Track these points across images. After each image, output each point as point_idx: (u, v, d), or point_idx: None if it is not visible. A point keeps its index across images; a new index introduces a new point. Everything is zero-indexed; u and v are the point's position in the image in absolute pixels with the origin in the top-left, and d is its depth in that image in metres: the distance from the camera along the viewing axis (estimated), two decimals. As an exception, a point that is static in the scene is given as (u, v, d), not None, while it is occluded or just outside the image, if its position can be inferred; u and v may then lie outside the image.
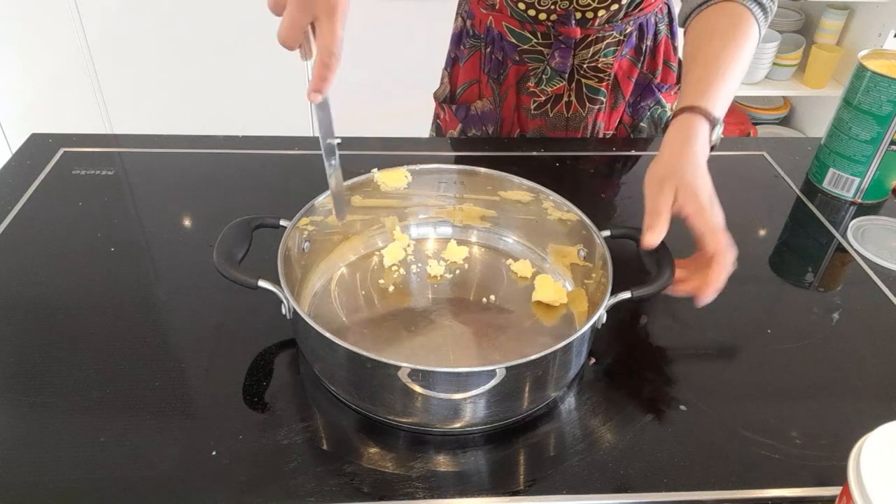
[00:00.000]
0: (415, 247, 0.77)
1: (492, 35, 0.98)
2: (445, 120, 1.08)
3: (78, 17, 1.84)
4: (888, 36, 1.98)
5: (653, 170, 0.67)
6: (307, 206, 0.68)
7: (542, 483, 0.55)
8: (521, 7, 0.92)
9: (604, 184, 0.94)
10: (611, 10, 0.91)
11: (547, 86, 0.96)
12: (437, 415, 0.57)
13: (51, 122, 1.97)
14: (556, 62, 0.94)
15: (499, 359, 0.53)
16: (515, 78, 0.99)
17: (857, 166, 0.88)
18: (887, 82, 0.82)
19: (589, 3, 0.90)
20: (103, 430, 0.57)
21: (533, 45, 0.96)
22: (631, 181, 0.95)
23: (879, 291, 0.76)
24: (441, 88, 1.10)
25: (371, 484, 0.54)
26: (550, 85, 0.96)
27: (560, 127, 1.02)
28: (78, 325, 0.67)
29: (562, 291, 0.70)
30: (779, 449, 0.58)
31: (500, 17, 0.95)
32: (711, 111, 0.69)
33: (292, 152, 0.96)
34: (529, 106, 1.00)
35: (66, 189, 0.86)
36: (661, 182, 0.65)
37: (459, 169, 0.76)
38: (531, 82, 0.97)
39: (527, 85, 0.98)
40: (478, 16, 0.99)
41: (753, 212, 0.89)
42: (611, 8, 0.90)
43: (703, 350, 0.68)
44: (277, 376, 0.63)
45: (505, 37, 0.96)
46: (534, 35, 0.95)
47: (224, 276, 0.61)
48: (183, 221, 0.83)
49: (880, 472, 0.42)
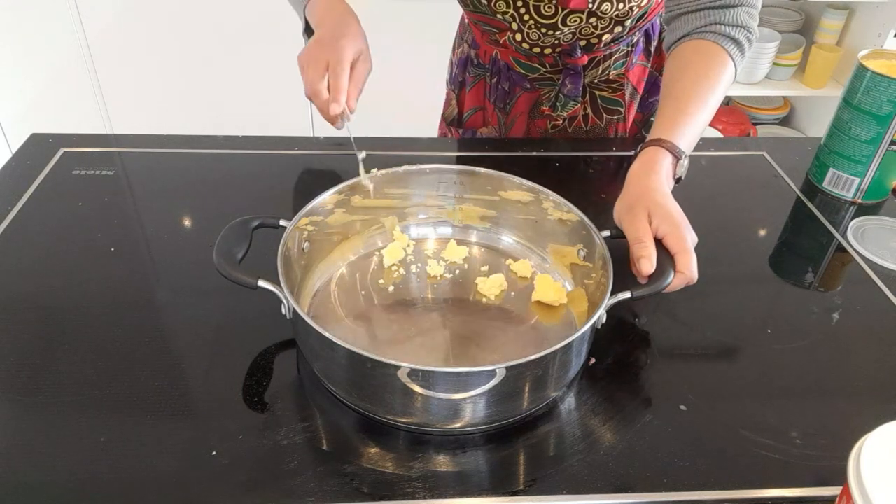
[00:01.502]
0: (414, 247, 0.77)
1: (498, 66, 0.98)
2: None
3: (78, 17, 1.84)
4: (888, 36, 1.98)
5: (621, 203, 0.68)
6: (307, 207, 0.68)
7: (542, 483, 0.55)
8: (525, 47, 0.92)
9: (604, 184, 0.94)
10: (615, 33, 0.90)
11: (562, 111, 0.96)
12: (437, 415, 0.57)
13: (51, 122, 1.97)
14: (567, 89, 0.94)
15: (499, 359, 0.53)
16: (527, 105, 0.99)
17: (857, 166, 0.88)
18: (887, 82, 0.82)
19: (592, 31, 0.89)
20: (103, 430, 0.57)
21: (542, 73, 0.95)
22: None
23: (879, 291, 0.76)
24: (449, 110, 1.09)
25: (371, 484, 0.54)
26: (565, 109, 0.96)
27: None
28: (78, 325, 0.67)
29: (562, 291, 0.70)
30: (779, 449, 0.58)
31: (505, 51, 0.95)
32: (677, 144, 0.71)
33: (292, 152, 0.96)
34: (546, 128, 1.00)
35: (66, 189, 0.86)
36: (632, 209, 0.66)
37: (459, 169, 0.76)
38: (545, 106, 0.97)
39: (541, 109, 0.98)
40: (482, 47, 0.98)
41: (753, 212, 0.89)
42: (615, 31, 0.90)
43: (703, 350, 0.68)
44: (277, 376, 0.63)
45: (513, 68, 0.96)
46: (542, 65, 0.95)
47: (224, 276, 0.61)
48: (183, 221, 0.83)
49: (880, 472, 0.42)
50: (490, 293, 0.71)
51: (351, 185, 0.72)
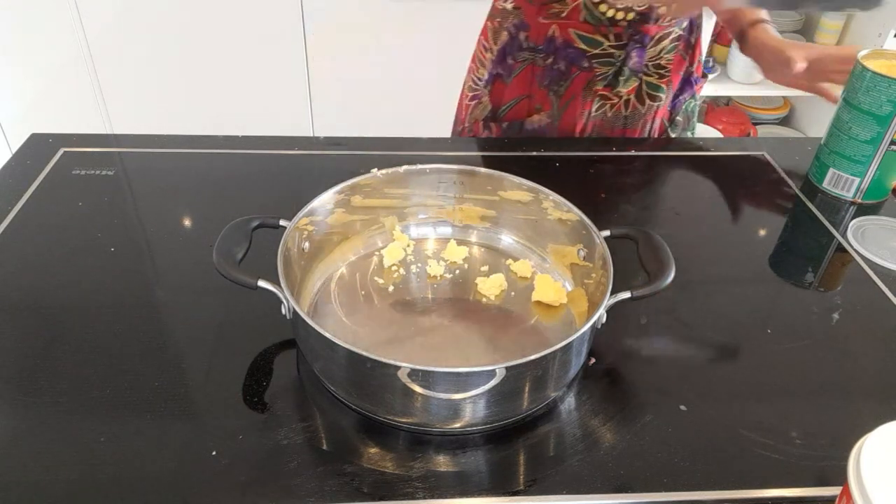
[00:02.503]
0: (414, 247, 0.77)
1: (554, 45, 0.97)
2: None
3: (78, 17, 1.84)
4: (888, 36, 1.98)
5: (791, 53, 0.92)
6: (307, 207, 0.68)
7: (542, 483, 0.55)
8: (603, 9, 0.92)
9: (604, 184, 0.94)
10: None
11: (623, 87, 0.98)
12: (437, 415, 0.57)
13: (51, 122, 1.97)
14: (633, 62, 0.96)
15: (499, 359, 0.53)
16: (581, 85, 0.99)
17: (857, 166, 0.88)
18: (887, 82, 0.82)
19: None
20: (103, 430, 0.57)
21: (604, 48, 0.95)
22: (631, 181, 0.95)
23: (879, 291, 0.76)
24: (480, 108, 1.07)
25: (371, 484, 0.54)
26: (626, 86, 0.98)
27: (618, 125, 1.03)
28: (78, 325, 0.67)
29: (562, 291, 0.70)
30: (779, 449, 0.58)
31: (566, 24, 0.95)
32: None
33: (292, 152, 0.96)
34: (592, 109, 1.01)
35: (66, 189, 0.86)
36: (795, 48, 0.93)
37: (459, 169, 0.76)
38: (599, 86, 0.98)
39: (594, 89, 0.99)
40: (534, 27, 0.97)
41: (753, 212, 0.90)
42: None
43: (703, 350, 0.68)
44: (277, 376, 0.63)
45: (572, 43, 0.96)
46: (606, 38, 0.95)
47: (224, 276, 0.61)
48: (183, 221, 0.83)
49: (880, 472, 0.42)
50: (490, 293, 0.71)
51: (351, 185, 0.72)
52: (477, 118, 1.08)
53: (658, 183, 0.96)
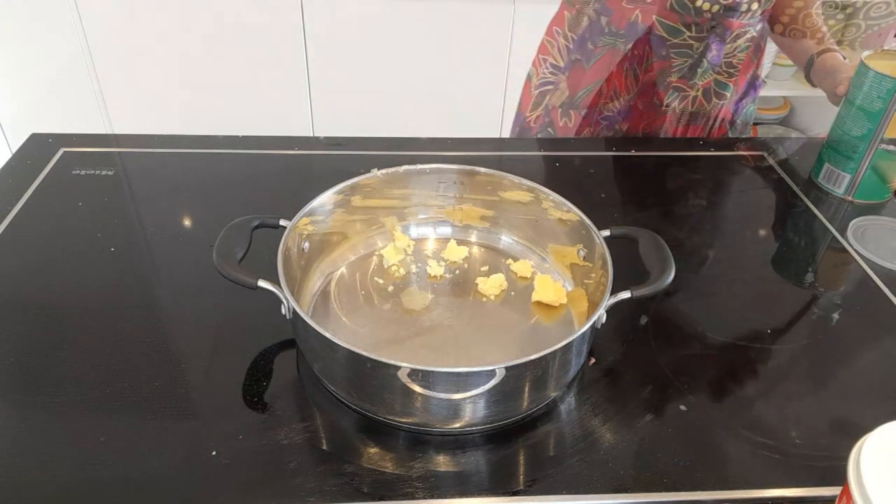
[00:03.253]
0: (414, 247, 0.77)
1: (636, 30, 0.97)
2: (566, 127, 1.07)
3: (78, 17, 1.84)
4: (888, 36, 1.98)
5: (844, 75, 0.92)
6: (307, 207, 0.68)
7: (542, 483, 0.55)
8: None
9: (604, 184, 0.94)
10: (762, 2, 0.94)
11: (700, 79, 0.99)
12: (437, 415, 0.57)
13: (51, 122, 1.97)
14: (712, 55, 0.97)
15: (499, 359, 0.53)
16: (656, 73, 1.00)
17: (849, 162, 0.89)
18: (879, 78, 0.83)
19: None
20: (103, 430, 0.57)
21: (684, 38, 0.95)
22: (631, 181, 0.95)
23: (879, 291, 0.76)
24: (557, 94, 1.08)
25: (371, 484, 0.54)
26: (703, 79, 0.99)
27: (683, 122, 1.04)
28: (78, 325, 0.67)
29: (561, 291, 0.70)
30: (779, 449, 0.58)
31: (650, 9, 0.94)
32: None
33: (292, 152, 0.96)
34: (663, 101, 1.01)
35: (66, 189, 0.86)
36: None
37: (459, 169, 0.76)
38: (673, 77, 0.99)
39: (668, 80, 0.99)
40: (617, 11, 0.97)
41: (753, 212, 0.90)
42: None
43: (703, 350, 0.68)
44: (277, 376, 0.63)
45: (654, 30, 0.96)
46: (688, 28, 0.95)
47: (224, 276, 0.61)
48: (183, 221, 0.83)
49: (880, 472, 0.42)
50: (490, 293, 0.71)
51: (351, 185, 0.72)
52: (554, 104, 1.09)
53: (658, 183, 0.96)
